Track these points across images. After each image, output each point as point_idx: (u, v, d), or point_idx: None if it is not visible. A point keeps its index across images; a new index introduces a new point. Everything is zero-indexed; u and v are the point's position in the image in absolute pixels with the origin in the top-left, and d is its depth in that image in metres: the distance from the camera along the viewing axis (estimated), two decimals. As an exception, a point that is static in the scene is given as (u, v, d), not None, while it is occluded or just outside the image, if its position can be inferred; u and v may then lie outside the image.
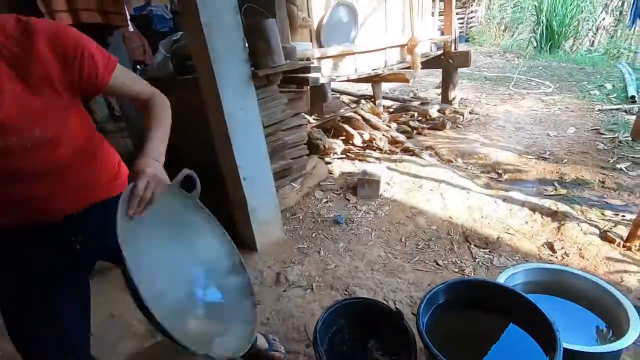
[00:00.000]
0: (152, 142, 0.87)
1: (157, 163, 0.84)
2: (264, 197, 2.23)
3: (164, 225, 0.97)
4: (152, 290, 0.85)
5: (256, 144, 2.11)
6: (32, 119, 0.75)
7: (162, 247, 0.97)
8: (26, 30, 0.70)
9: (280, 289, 1.94)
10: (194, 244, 1.06)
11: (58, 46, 0.73)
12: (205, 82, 1.97)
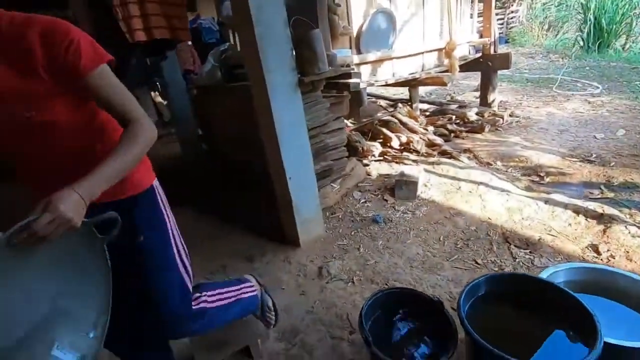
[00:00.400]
0: (92, 176, 0.79)
1: (77, 199, 0.75)
2: (307, 196, 2.37)
3: (39, 265, 0.84)
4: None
5: (301, 146, 2.26)
6: (14, 95, 0.80)
7: (22, 284, 0.83)
8: (22, 23, 0.78)
9: (323, 282, 2.06)
10: (69, 289, 0.91)
11: (48, 36, 0.78)
12: (256, 89, 2.14)
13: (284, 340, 1.71)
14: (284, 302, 1.94)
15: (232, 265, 2.37)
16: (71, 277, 0.90)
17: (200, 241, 2.73)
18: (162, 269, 1.05)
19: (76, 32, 0.82)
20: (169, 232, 1.07)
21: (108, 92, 0.87)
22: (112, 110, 0.89)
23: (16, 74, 0.79)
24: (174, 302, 1.07)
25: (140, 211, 1.02)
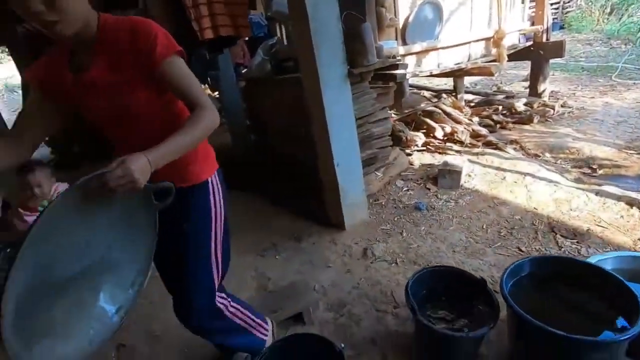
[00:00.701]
0: (161, 146, 0.88)
1: (146, 164, 0.83)
2: (353, 182, 2.51)
3: (104, 216, 0.95)
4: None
5: (349, 134, 2.39)
6: (112, 83, 0.94)
7: (88, 228, 0.94)
8: (116, 25, 0.94)
9: (367, 262, 2.20)
10: (121, 245, 1.01)
11: (135, 33, 0.92)
12: (308, 81, 2.30)
13: (332, 310, 1.87)
14: (332, 278, 2.11)
15: (282, 243, 2.57)
16: (126, 234, 1.00)
17: (250, 222, 2.97)
18: (198, 257, 1.14)
19: (156, 27, 0.93)
20: (212, 227, 1.15)
21: (178, 78, 0.95)
22: (182, 96, 0.97)
23: (114, 68, 0.93)
24: (201, 288, 1.17)
25: (193, 201, 1.11)
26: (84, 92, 0.96)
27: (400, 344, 1.60)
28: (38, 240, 0.80)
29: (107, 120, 1.02)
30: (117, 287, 1.02)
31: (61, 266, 0.91)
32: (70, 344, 0.93)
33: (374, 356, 1.56)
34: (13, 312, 0.79)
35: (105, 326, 0.99)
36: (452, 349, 1.39)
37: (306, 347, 1.36)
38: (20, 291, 0.81)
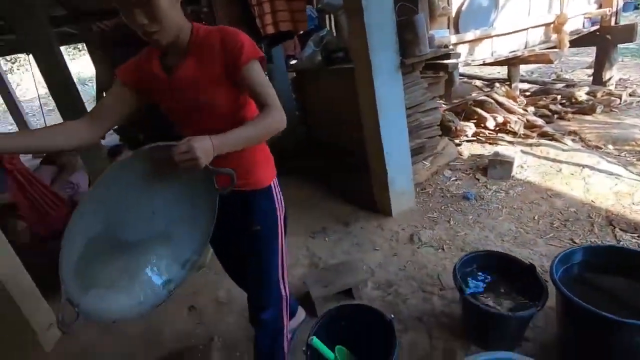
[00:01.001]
0: (229, 133, 0.95)
1: (210, 146, 0.90)
2: (401, 170, 2.58)
3: (169, 190, 1.04)
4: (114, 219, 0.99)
5: (399, 123, 2.46)
6: (198, 85, 1.06)
7: (154, 198, 1.03)
8: (211, 31, 1.06)
9: (414, 246, 2.28)
10: (181, 221, 1.08)
11: (225, 39, 1.03)
12: (360, 71, 2.39)
13: (380, 289, 1.99)
14: (379, 260, 2.22)
15: (331, 227, 2.71)
16: (188, 213, 1.06)
17: (301, 207, 3.14)
18: (269, 253, 1.26)
19: (243, 35, 1.05)
20: (279, 227, 1.27)
21: (256, 81, 1.03)
22: (256, 97, 1.04)
23: (203, 68, 1.05)
24: (272, 279, 1.30)
25: (259, 204, 1.21)
26: (174, 90, 1.07)
27: (446, 323, 1.68)
28: (107, 187, 0.93)
29: (186, 115, 1.12)
30: (173, 261, 1.08)
31: (126, 229, 1.02)
32: (119, 300, 1.00)
33: (420, 332, 1.66)
34: (77, 255, 0.91)
35: (154, 295, 1.05)
36: (498, 328, 1.45)
37: (357, 316, 1.49)
38: (87, 237, 0.93)
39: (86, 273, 0.95)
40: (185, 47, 1.05)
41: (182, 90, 1.07)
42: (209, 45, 1.04)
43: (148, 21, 0.93)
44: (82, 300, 0.92)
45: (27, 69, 17.00)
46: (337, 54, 3.51)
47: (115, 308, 0.98)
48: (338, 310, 1.51)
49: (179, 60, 1.07)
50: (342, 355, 1.40)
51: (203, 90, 1.06)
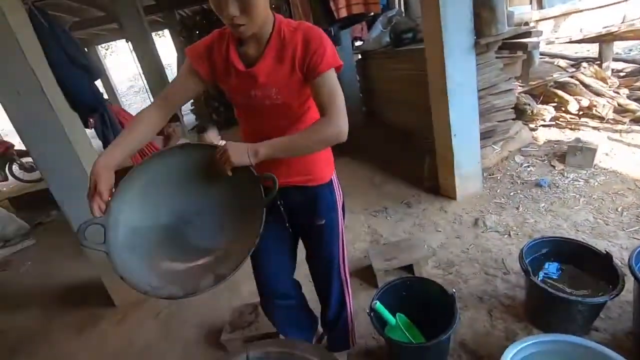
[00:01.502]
0: (274, 141, 0.98)
1: (243, 148, 0.95)
2: (469, 154, 2.54)
3: (213, 196, 1.03)
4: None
5: (469, 106, 2.41)
6: (273, 80, 1.04)
7: (199, 195, 1.03)
8: (295, 28, 1.03)
9: (478, 230, 2.27)
10: (220, 232, 1.04)
11: (308, 40, 1.00)
12: (431, 51, 2.37)
13: (440, 268, 2.04)
14: (441, 241, 2.25)
15: (392, 207, 2.78)
16: (231, 223, 1.03)
17: (363, 186, 3.24)
18: (333, 242, 1.31)
19: (326, 39, 1.01)
20: (339, 216, 1.30)
21: (327, 90, 1.00)
22: (321, 105, 1.01)
23: (282, 65, 1.02)
24: (335, 267, 1.37)
25: (323, 199, 1.23)
26: (248, 83, 1.05)
27: (508, 305, 1.69)
28: (152, 171, 0.99)
29: (253, 109, 1.11)
30: (206, 271, 0.99)
31: (182, 227, 1.03)
32: (138, 268, 0.95)
33: (481, 310, 1.70)
34: (127, 228, 0.95)
35: (170, 289, 0.95)
36: (565, 313, 1.43)
37: (419, 288, 1.57)
38: (134, 219, 0.97)
39: (135, 248, 0.97)
40: (266, 40, 1.03)
41: (257, 85, 1.04)
42: (291, 42, 1.01)
43: (240, 13, 0.91)
44: (113, 241, 0.93)
45: (116, 54, 18.67)
46: (406, 34, 3.48)
47: (129, 268, 0.93)
48: (401, 281, 1.61)
49: (257, 53, 1.04)
50: (402, 322, 1.50)
51: (278, 88, 1.04)
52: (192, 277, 0.94)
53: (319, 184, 1.22)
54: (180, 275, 0.96)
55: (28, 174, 6.25)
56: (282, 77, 1.03)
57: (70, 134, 1.91)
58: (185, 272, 0.97)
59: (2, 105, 1.75)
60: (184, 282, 0.93)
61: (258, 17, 0.94)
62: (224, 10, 0.91)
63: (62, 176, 1.94)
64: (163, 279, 0.94)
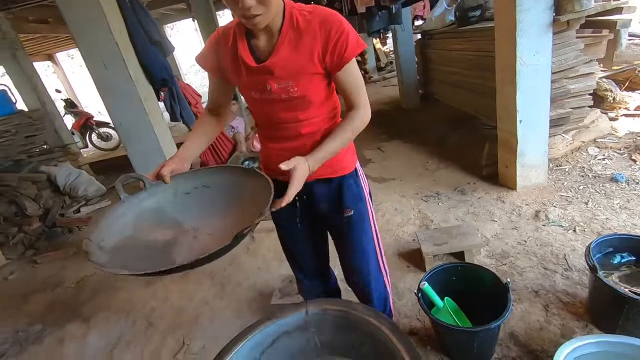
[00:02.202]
0: (320, 152, 0.97)
1: (307, 173, 0.94)
2: (535, 142, 2.37)
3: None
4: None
5: (540, 89, 2.23)
6: (289, 73, 0.96)
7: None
8: (310, 13, 0.94)
9: (538, 223, 2.14)
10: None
11: (326, 25, 0.92)
12: (502, 29, 2.21)
13: (493, 258, 1.96)
14: (496, 231, 2.16)
15: (445, 193, 2.70)
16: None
17: (415, 171, 3.18)
18: (366, 234, 1.24)
19: (346, 24, 0.94)
20: (368, 205, 1.23)
21: (352, 81, 0.99)
22: (346, 94, 1.01)
23: (300, 58, 0.95)
24: (370, 258, 1.29)
25: (348, 189, 1.17)
26: (261, 78, 0.99)
27: (567, 302, 1.60)
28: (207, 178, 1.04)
29: (268, 104, 1.04)
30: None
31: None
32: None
33: (535, 305, 1.62)
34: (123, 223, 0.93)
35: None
36: (634, 315, 1.33)
37: (470, 275, 1.53)
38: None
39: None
40: (278, 30, 0.95)
41: (272, 79, 0.98)
42: (307, 31, 0.93)
43: (256, 3, 0.84)
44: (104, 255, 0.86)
45: (180, 34, 19.51)
46: (473, 12, 3.27)
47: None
48: (452, 265, 1.58)
49: (269, 45, 0.97)
50: (450, 305, 1.49)
51: (295, 80, 0.97)
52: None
53: (343, 174, 1.16)
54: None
55: (104, 143, 6.94)
56: (299, 69, 0.96)
57: (146, 104, 2.09)
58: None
59: (90, 74, 1.96)
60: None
61: (273, 5, 0.88)
62: (239, 1, 0.83)
63: (137, 142, 2.14)
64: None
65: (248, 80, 1.01)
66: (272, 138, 1.12)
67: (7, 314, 2.40)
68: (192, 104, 2.91)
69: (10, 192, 3.47)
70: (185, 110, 2.74)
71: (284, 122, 1.06)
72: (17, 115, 4.16)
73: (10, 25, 4.17)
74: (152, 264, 0.81)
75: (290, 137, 1.07)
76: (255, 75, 0.99)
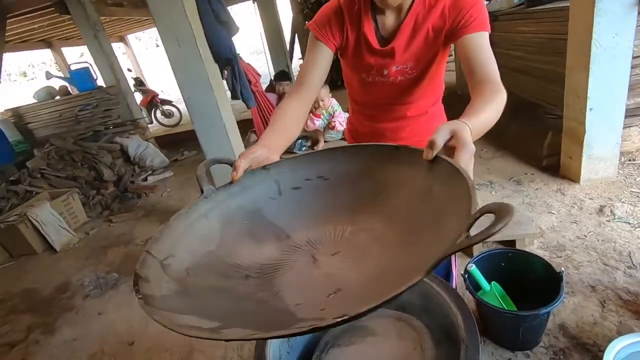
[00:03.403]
0: (478, 117, 0.66)
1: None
2: (606, 132, 2.20)
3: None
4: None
5: (617, 75, 2.06)
6: (411, 55, 0.89)
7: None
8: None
9: (602, 219, 2.02)
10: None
11: (457, 6, 0.83)
12: (577, 8, 2.05)
13: (548, 250, 1.90)
14: (553, 223, 2.07)
15: (499, 182, 2.61)
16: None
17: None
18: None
19: (479, 2, 0.82)
20: None
21: (481, 52, 0.80)
22: (477, 70, 0.80)
23: (422, 34, 0.87)
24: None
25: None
26: (381, 60, 0.92)
27: (627, 300, 1.52)
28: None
29: (378, 84, 0.97)
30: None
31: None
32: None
33: (590, 299, 1.56)
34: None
35: None
36: None
37: (520, 261, 1.51)
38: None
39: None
40: (409, 5, 0.86)
41: (392, 62, 0.90)
42: (437, 5, 0.84)
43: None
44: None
45: (239, 16, 19.85)
46: (546, -9, 3.04)
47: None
48: (501, 251, 1.57)
49: (396, 23, 0.88)
50: (497, 290, 1.49)
51: (415, 62, 0.90)
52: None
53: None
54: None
55: (167, 120, 7.46)
56: (421, 48, 0.88)
57: (212, 81, 2.24)
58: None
59: (166, 51, 2.14)
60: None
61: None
62: None
63: (202, 117, 2.32)
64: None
65: (367, 63, 0.92)
66: (372, 117, 1.05)
67: (90, 262, 2.77)
68: (252, 83, 3.05)
69: (91, 159, 3.92)
70: (245, 88, 2.89)
71: (391, 103, 1.00)
72: (98, 90, 4.63)
73: (93, 8, 4.59)
74: (256, 318, 0.50)
75: (395, 119, 1.02)
76: (376, 57, 0.91)
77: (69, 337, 2.05)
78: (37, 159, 3.84)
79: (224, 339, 0.40)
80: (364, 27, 0.89)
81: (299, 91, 0.92)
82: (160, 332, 1.92)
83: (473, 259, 1.50)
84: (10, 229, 2.90)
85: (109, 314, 2.17)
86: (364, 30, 0.89)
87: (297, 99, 0.91)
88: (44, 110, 4.78)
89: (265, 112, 3.31)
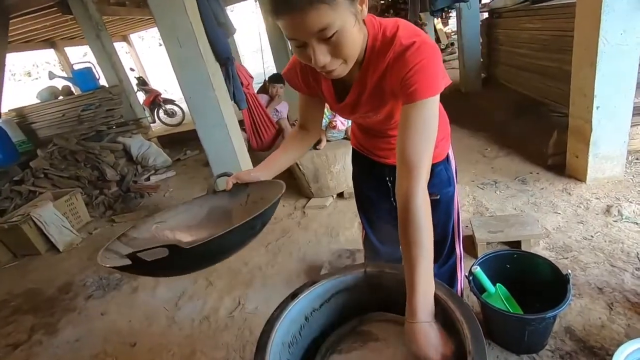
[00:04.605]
0: (417, 297, 0.71)
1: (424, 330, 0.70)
2: (613, 131, 2.17)
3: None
4: None
5: (625, 73, 2.02)
6: (366, 107, 0.93)
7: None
8: (389, 39, 0.80)
9: (609, 219, 1.98)
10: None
11: (402, 59, 0.77)
12: (584, 5, 2.02)
13: (553, 251, 1.87)
14: (558, 224, 2.04)
15: (504, 182, 2.58)
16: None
17: (472, 156, 3.06)
18: (447, 218, 1.24)
19: (428, 58, 0.76)
20: (455, 189, 1.22)
21: (411, 128, 0.77)
22: (400, 144, 0.78)
23: (376, 93, 0.89)
24: (448, 241, 1.27)
25: (439, 175, 1.16)
26: (343, 110, 0.99)
27: (636, 302, 1.49)
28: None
29: (355, 119, 1.12)
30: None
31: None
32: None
33: (598, 302, 1.53)
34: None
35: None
36: None
37: (525, 263, 1.48)
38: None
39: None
40: (361, 63, 0.85)
41: (354, 112, 0.98)
42: (382, 61, 0.81)
43: (330, 58, 0.72)
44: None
45: (237, 15, 19.70)
46: (552, -13, 3.00)
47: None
48: (507, 252, 1.54)
49: (349, 80, 0.89)
50: (503, 292, 1.47)
51: (375, 112, 0.95)
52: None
53: (437, 161, 1.13)
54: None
55: (169, 119, 7.48)
56: (374, 102, 0.91)
57: (213, 80, 2.23)
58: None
59: (167, 51, 2.13)
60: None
61: (353, 52, 0.75)
62: (310, 59, 0.72)
63: (204, 115, 2.31)
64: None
65: (335, 108, 0.99)
66: (364, 132, 1.18)
67: (92, 262, 2.77)
68: (244, 85, 3.03)
69: (94, 159, 3.92)
70: (237, 90, 2.87)
71: (373, 129, 1.11)
72: (100, 90, 4.63)
73: (95, 8, 4.59)
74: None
75: (381, 136, 1.12)
76: (339, 108, 0.98)
77: (72, 338, 2.05)
78: (40, 159, 3.85)
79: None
80: (322, 84, 0.96)
81: (301, 124, 1.11)
82: (162, 333, 1.91)
83: (478, 261, 1.48)
84: (14, 229, 2.91)
85: (112, 314, 2.16)
86: (322, 87, 0.97)
87: (298, 143, 1.11)
88: (47, 110, 4.80)
89: (255, 115, 3.30)
